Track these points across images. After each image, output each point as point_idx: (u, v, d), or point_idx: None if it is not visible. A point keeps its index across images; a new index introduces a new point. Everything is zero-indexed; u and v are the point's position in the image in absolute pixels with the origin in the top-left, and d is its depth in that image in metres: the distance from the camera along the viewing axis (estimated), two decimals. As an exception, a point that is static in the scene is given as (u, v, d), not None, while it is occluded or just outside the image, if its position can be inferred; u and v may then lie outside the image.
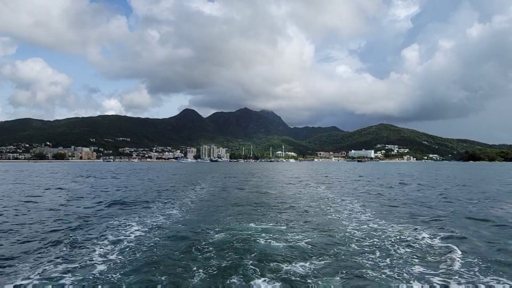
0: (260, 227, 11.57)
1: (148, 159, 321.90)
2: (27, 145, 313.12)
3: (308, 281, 6.74)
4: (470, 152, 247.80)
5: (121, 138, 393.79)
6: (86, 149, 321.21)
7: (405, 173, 57.57)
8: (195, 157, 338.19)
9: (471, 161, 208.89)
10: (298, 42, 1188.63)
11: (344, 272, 7.18)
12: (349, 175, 51.20)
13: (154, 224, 12.19)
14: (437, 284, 6.26)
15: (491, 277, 6.91)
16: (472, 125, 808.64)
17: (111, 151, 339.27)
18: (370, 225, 11.97)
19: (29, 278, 6.67)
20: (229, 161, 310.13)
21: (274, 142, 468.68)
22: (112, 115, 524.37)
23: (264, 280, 6.73)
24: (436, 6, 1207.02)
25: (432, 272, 7.23)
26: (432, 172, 64.14)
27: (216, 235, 10.36)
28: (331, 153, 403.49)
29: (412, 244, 9.33)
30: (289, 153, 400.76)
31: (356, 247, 9.14)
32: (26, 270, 7.20)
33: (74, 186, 29.65)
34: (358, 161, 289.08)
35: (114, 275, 6.95)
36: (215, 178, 41.17)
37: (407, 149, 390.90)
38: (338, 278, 6.90)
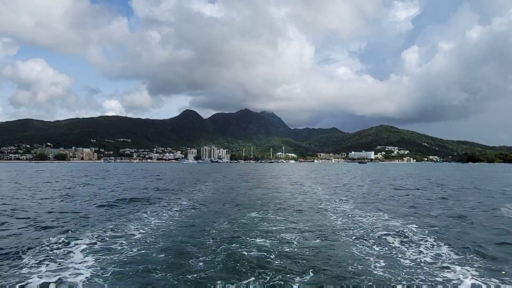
0: (260, 215, 13.71)
1: (149, 160, 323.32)
2: (28, 146, 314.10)
3: (294, 243, 9.16)
4: (469, 153, 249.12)
5: (121, 139, 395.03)
6: (87, 150, 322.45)
7: (396, 175, 59.15)
8: (196, 158, 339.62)
9: (470, 163, 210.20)
10: (298, 43, 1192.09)
11: (324, 238, 9.64)
12: (347, 176, 52.78)
13: (172, 214, 14.61)
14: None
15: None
16: (472, 126, 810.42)
17: (111, 152, 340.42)
18: (350, 214, 14.47)
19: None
20: (230, 162, 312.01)
21: (274, 143, 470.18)
22: (112, 115, 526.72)
23: (264, 242, 9.11)
24: (437, 7, 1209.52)
25: (385, 232, 9.54)
26: (426, 173, 65.69)
27: (225, 220, 12.65)
28: (331, 154, 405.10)
29: (376, 224, 11.74)
30: (289, 154, 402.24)
31: (337, 225, 11.55)
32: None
33: (91, 185, 31.36)
34: (360, 162, 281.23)
35: (144, 250, 9.12)
36: (218, 177, 43.36)
37: (407, 151, 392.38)
38: (319, 240, 9.50)
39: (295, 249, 8.52)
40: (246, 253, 8.00)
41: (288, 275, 6.76)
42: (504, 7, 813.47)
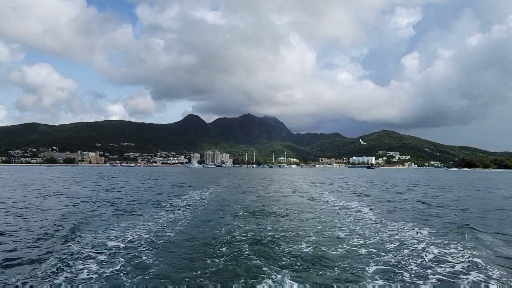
0: (262, 207, 18.67)
1: (154, 164, 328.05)
2: (34, 149, 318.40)
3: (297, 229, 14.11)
4: (466, 159, 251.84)
5: (125, 143, 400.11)
6: (92, 154, 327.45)
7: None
8: (199, 162, 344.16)
9: (466, 168, 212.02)
10: (300, 49, 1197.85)
11: (317, 225, 14.55)
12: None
13: (197, 199, 19.71)
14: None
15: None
16: (474, 132, 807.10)
17: (116, 156, 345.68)
18: (344, 207, 19.30)
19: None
20: (233, 166, 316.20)
21: (276, 148, 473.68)
22: (116, 120, 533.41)
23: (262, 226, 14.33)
24: (439, 13, 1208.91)
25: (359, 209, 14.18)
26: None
27: (236, 208, 17.66)
28: (332, 159, 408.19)
29: (352, 212, 16.67)
30: (291, 159, 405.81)
31: (330, 215, 16.49)
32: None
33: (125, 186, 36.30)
34: (368, 167, 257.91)
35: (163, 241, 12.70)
36: (227, 179, 48.43)
37: (409, 156, 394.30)
38: (318, 227, 14.69)
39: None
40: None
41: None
42: (504, 14, 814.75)
